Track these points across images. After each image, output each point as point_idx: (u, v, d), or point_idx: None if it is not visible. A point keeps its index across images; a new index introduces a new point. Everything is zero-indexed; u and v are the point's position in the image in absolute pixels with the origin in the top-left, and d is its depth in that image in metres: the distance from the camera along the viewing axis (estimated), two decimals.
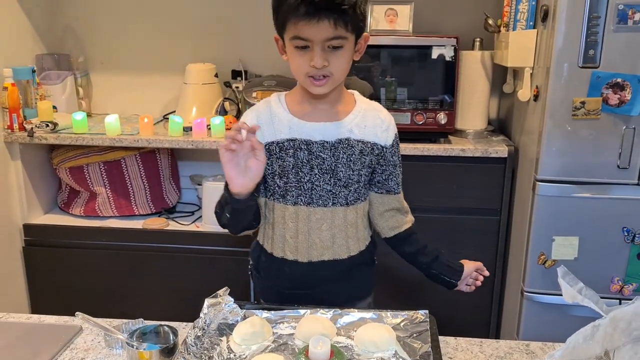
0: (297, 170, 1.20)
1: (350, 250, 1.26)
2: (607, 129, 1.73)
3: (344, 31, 1.09)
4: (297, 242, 1.24)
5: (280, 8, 1.10)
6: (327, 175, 1.20)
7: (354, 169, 1.21)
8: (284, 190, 1.22)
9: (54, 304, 2.31)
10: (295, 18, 1.07)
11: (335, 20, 1.07)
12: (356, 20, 1.10)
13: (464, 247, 2.11)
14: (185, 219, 2.36)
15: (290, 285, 1.27)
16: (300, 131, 1.19)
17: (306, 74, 1.13)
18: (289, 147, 1.19)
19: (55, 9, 2.53)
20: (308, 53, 1.10)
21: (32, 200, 2.31)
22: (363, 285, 1.34)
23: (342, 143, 1.19)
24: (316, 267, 1.24)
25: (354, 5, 1.09)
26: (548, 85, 1.73)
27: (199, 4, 2.49)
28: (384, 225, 1.31)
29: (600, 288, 1.84)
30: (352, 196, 1.23)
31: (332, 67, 1.12)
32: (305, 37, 1.08)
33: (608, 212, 1.79)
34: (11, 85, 2.12)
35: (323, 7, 1.05)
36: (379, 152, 1.23)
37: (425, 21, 2.32)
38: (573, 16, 1.66)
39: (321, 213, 1.22)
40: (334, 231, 1.23)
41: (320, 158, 1.19)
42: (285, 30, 1.11)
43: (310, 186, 1.21)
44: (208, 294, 1.06)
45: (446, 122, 2.08)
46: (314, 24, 1.06)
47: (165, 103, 2.57)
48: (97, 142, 2.16)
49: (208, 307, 1.03)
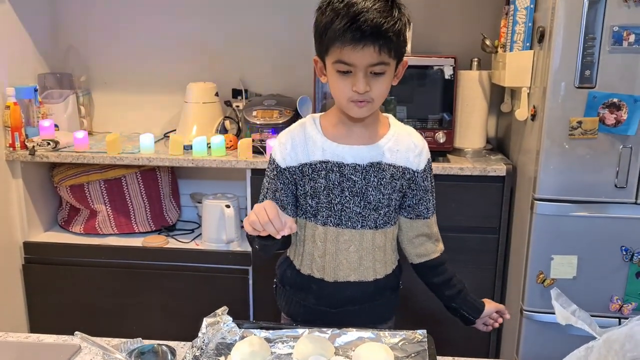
0: (329, 191, 1.21)
1: (376, 273, 1.27)
2: (605, 149, 1.75)
3: (387, 57, 1.11)
4: (324, 261, 1.25)
5: (324, 33, 1.11)
6: (358, 197, 1.21)
7: (384, 193, 1.22)
8: (316, 210, 1.24)
9: (53, 322, 2.30)
10: (340, 43, 1.08)
11: (380, 46, 1.08)
12: (399, 46, 1.12)
13: (463, 265, 2.11)
14: (185, 237, 2.37)
15: (316, 302, 1.29)
16: (333, 153, 1.20)
17: (348, 98, 1.14)
18: (322, 168, 1.21)
19: (58, 29, 2.56)
20: (350, 78, 1.12)
21: (33, 218, 2.32)
22: (387, 308, 1.34)
23: (374, 166, 1.20)
24: (342, 287, 1.26)
25: (399, 32, 1.10)
26: (545, 105, 1.75)
27: (200, 24, 2.52)
28: (412, 251, 1.32)
29: (600, 307, 1.84)
30: (381, 220, 1.24)
31: (374, 93, 1.13)
32: (349, 62, 1.10)
33: (606, 231, 1.80)
34: (13, 104, 2.14)
35: (369, 34, 1.07)
36: (410, 176, 1.24)
37: (424, 41, 2.34)
38: (569, 37, 1.69)
39: (349, 234, 1.23)
40: (362, 253, 1.24)
41: (352, 180, 1.20)
42: (328, 54, 1.13)
43: (341, 208, 1.22)
44: (207, 312, 1.07)
45: (445, 140, 2.09)
46: (359, 49, 1.08)
47: (166, 121, 2.59)
48: (98, 160, 2.17)
49: (206, 327, 1.03)
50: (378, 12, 1.07)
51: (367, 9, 1.07)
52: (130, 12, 2.53)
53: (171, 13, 2.52)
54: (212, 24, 2.51)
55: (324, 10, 1.12)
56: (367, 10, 1.07)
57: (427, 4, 2.40)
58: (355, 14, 1.07)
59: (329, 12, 1.11)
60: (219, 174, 2.55)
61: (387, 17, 1.08)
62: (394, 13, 1.10)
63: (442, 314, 1.39)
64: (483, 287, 2.13)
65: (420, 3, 2.40)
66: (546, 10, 1.76)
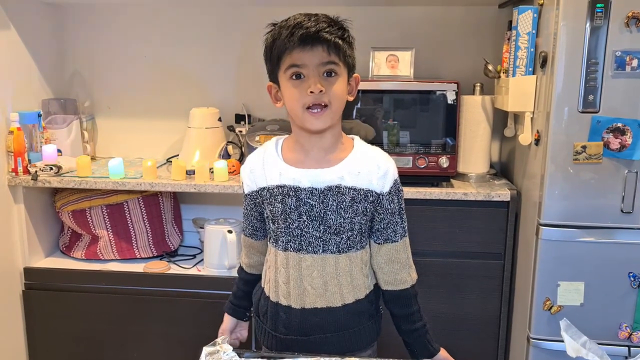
0: (286, 216, 1.20)
1: (344, 299, 1.23)
2: (610, 173, 1.73)
3: (337, 58, 1.15)
4: (289, 287, 1.23)
5: (273, 45, 1.15)
6: (316, 222, 1.19)
7: (344, 217, 1.19)
8: (276, 234, 1.24)
9: (53, 349, 2.27)
10: (289, 49, 1.12)
11: (327, 46, 1.13)
12: (346, 53, 1.17)
13: (468, 292, 2.09)
14: (187, 263, 2.35)
15: (286, 331, 1.26)
16: (289, 177, 1.20)
17: (304, 105, 1.15)
18: (278, 193, 1.20)
19: (62, 55, 2.58)
20: (304, 82, 1.14)
21: (34, 244, 2.31)
22: (363, 336, 1.28)
23: (332, 190, 1.18)
24: (309, 313, 1.23)
25: (343, 37, 1.15)
26: (549, 130, 1.75)
27: (202, 50, 2.54)
28: (381, 277, 1.28)
29: (608, 335, 1.80)
30: (344, 244, 1.21)
31: (329, 95, 1.14)
32: (299, 63, 1.13)
33: (613, 257, 1.77)
34: (17, 130, 2.15)
35: (315, 36, 1.12)
36: (374, 199, 1.21)
37: (426, 67, 2.36)
38: (571, 62, 1.69)
39: (311, 260, 1.21)
40: (326, 278, 1.22)
41: (309, 205, 1.19)
42: (280, 66, 1.16)
43: (300, 232, 1.20)
44: (208, 339, 1.05)
45: (448, 165, 2.08)
46: (307, 50, 1.12)
47: (169, 147, 2.59)
48: (100, 186, 2.17)
49: (206, 356, 1.01)
50: (322, 22, 1.14)
51: (312, 21, 1.14)
52: (134, 39, 2.56)
53: (174, 39, 2.54)
54: (215, 49, 2.53)
55: (270, 32, 1.18)
56: (311, 21, 1.13)
57: (429, 29, 2.42)
58: (299, 23, 1.13)
59: (275, 30, 1.17)
60: (222, 199, 2.54)
61: (331, 24, 1.15)
62: (338, 25, 1.16)
63: (445, 342, 1.36)
64: (488, 314, 2.10)
65: (423, 28, 2.42)
66: (548, 35, 1.77)
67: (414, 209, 2.04)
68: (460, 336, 2.10)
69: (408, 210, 1.46)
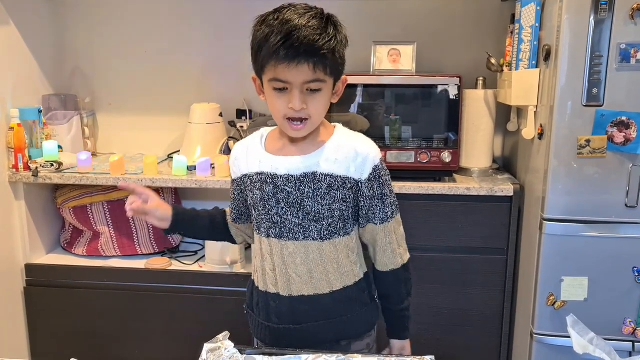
0: (264, 202, 1.22)
1: (332, 286, 1.24)
2: (614, 168, 1.72)
3: (322, 74, 1.11)
4: (275, 275, 1.24)
5: (260, 50, 1.12)
6: (294, 209, 1.20)
7: (322, 204, 1.19)
8: (258, 221, 1.26)
9: (54, 346, 2.27)
10: (274, 61, 1.09)
11: (314, 64, 1.09)
12: (335, 64, 1.13)
13: (471, 287, 2.08)
14: (189, 259, 2.34)
15: (278, 320, 1.26)
16: (267, 165, 1.22)
17: (284, 116, 1.14)
18: (257, 180, 1.22)
19: (63, 50, 2.57)
20: (286, 95, 1.12)
21: (35, 240, 2.30)
22: (357, 324, 1.28)
23: (308, 177, 1.19)
24: (297, 301, 1.24)
25: (333, 49, 1.11)
26: (552, 124, 1.73)
27: (203, 45, 2.53)
28: (371, 257, 1.30)
29: (613, 330, 1.79)
30: (325, 230, 1.21)
31: (311, 110, 1.13)
32: (284, 79, 1.10)
33: (617, 251, 1.76)
34: (17, 126, 2.14)
35: (302, 51, 1.07)
36: (352, 186, 1.20)
37: (428, 61, 2.34)
38: (575, 55, 1.67)
39: (293, 247, 1.22)
40: (310, 266, 1.22)
41: (286, 192, 1.20)
42: (264, 72, 1.13)
43: (279, 219, 1.21)
44: (210, 335, 1.04)
45: (450, 160, 2.07)
46: (293, 67, 1.08)
47: (170, 142, 2.58)
48: (101, 182, 2.16)
49: (207, 353, 1.00)
50: (312, 29, 1.08)
51: (301, 26, 1.07)
52: (135, 34, 2.54)
53: (175, 35, 2.53)
54: (215, 45, 2.52)
55: (258, 26, 1.13)
56: (301, 27, 1.07)
57: (431, 23, 2.40)
58: (289, 31, 1.07)
59: (263, 29, 1.11)
60: (223, 195, 2.52)
61: (322, 34, 1.09)
62: (329, 30, 1.10)
63: (448, 338, 1.36)
64: (491, 309, 2.09)
65: (425, 22, 2.40)
66: (552, 28, 1.75)
67: (416, 204, 2.03)
68: (464, 331, 2.09)
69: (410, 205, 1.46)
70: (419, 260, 2.04)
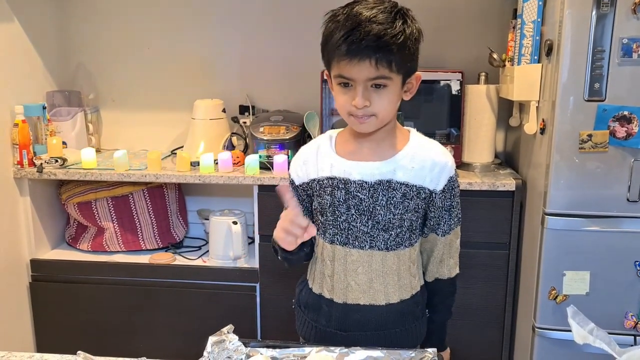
0: (334, 209, 1.18)
1: (389, 298, 1.21)
2: (616, 162, 1.72)
3: (387, 71, 1.07)
4: (333, 281, 1.22)
5: (325, 46, 1.10)
6: (365, 216, 1.16)
7: (394, 213, 1.15)
8: (324, 227, 1.21)
9: (60, 340, 2.29)
10: (337, 57, 1.07)
11: (377, 60, 1.05)
12: (402, 59, 1.08)
13: (473, 282, 2.09)
14: (192, 254, 2.35)
15: (327, 324, 1.24)
16: (340, 169, 1.17)
17: (348, 112, 1.12)
18: (328, 185, 1.18)
19: (67, 47, 2.58)
20: (351, 91, 1.10)
21: (40, 236, 2.32)
22: (406, 338, 1.24)
23: (382, 185, 1.15)
24: (351, 309, 1.21)
25: (401, 44, 1.06)
26: (554, 119, 1.73)
27: (206, 41, 2.53)
28: (422, 264, 1.28)
29: (614, 324, 1.80)
30: (392, 241, 1.18)
31: (375, 108, 1.10)
32: (347, 76, 1.08)
33: (619, 246, 1.76)
34: (22, 122, 2.15)
35: (364, 47, 1.04)
36: (426, 196, 1.17)
37: (431, 56, 2.34)
38: (577, 50, 1.67)
39: (357, 255, 1.19)
40: (372, 276, 1.19)
41: (358, 198, 1.16)
42: (330, 67, 1.12)
43: (347, 226, 1.18)
44: (214, 329, 1.05)
45: (453, 155, 2.07)
46: (355, 63, 1.06)
47: (173, 138, 2.59)
48: (105, 178, 2.17)
49: (212, 346, 1.01)
50: (378, 24, 1.04)
51: (367, 20, 1.04)
52: (138, 31, 2.55)
53: (178, 31, 2.53)
54: (219, 41, 2.53)
55: (328, 21, 1.11)
56: (367, 21, 1.04)
57: (433, 18, 2.40)
58: (354, 26, 1.05)
59: (331, 24, 1.10)
60: (226, 191, 2.55)
61: (387, 28, 1.05)
62: (397, 24, 1.06)
63: (450, 332, 1.36)
64: (493, 303, 2.10)
65: (426, 17, 2.38)
66: (554, 23, 1.75)
67: None
68: (466, 326, 2.10)
69: None
70: None
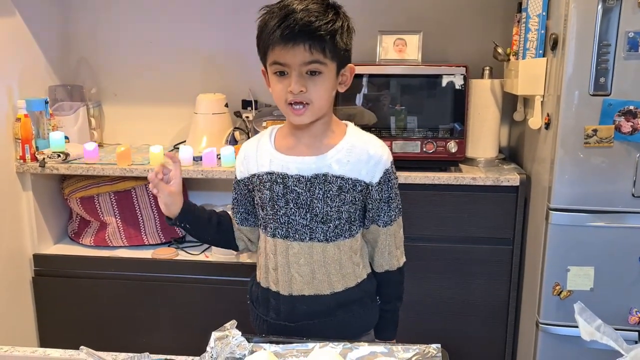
0: (273, 203, 1.20)
1: (333, 287, 1.23)
2: (621, 157, 1.71)
3: (321, 56, 1.11)
4: (277, 274, 1.24)
5: (261, 36, 1.13)
6: (303, 210, 1.19)
7: (331, 206, 1.18)
8: (265, 221, 1.24)
9: (63, 335, 2.29)
10: (272, 44, 1.10)
11: (310, 45, 1.09)
12: (335, 48, 1.12)
13: (476, 277, 2.08)
14: (195, 249, 2.35)
15: (276, 317, 1.27)
16: (278, 165, 1.20)
17: (285, 100, 1.14)
18: (267, 180, 1.21)
19: (69, 41, 2.57)
20: (287, 79, 1.13)
21: (43, 231, 2.32)
22: (354, 325, 1.27)
23: (319, 178, 1.17)
24: (297, 301, 1.23)
25: (332, 32, 1.10)
26: (559, 113, 1.72)
27: (209, 36, 2.52)
28: (369, 256, 1.30)
29: (619, 320, 1.79)
30: (332, 232, 1.21)
31: (311, 94, 1.12)
32: (282, 61, 1.11)
33: (624, 241, 1.76)
34: (24, 117, 2.15)
35: (298, 31, 1.08)
36: (363, 189, 1.20)
37: (434, 50, 2.33)
38: (583, 44, 1.66)
39: (298, 247, 1.21)
40: (313, 267, 1.22)
41: (295, 192, 1.18)
42: (266, 58, 1.14)
43: (287, 220, 1.20)
44: (217, 325, 1.05)
45: (456, 150, 2.07)
46: (289, 48, 1.09)
47: (176, 133, 2.59)
48: (108, 172, 2.16)
49: (215, 341, 1.01)
50: (309, 12, 1.08)
51: (299, 10, 1.09)
52: (141, 25, 2.54)
53: (181, 25, 2.52)
54: (221, 35, 2.52)
55: (263, 14, 1.14)
56: (298, 10, 1.08)
57: (437, 12, 2.39)
58: (286, 14, 1.08)
59: (265, 16, 1.13)
60: (229, 186, 2.53)
61: (319, 16, 1.09)
62: (328, 14, 1.11)
63: (454, 328, 1.36)
64: (497, 299, 2.09)
65: (431, 12, 2.39)
66: (559, 17, 1.74)
67: (422, 194, 2.03)
68: (469, 321, 2.09)
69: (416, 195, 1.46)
70: (424, 250, 2.06)
